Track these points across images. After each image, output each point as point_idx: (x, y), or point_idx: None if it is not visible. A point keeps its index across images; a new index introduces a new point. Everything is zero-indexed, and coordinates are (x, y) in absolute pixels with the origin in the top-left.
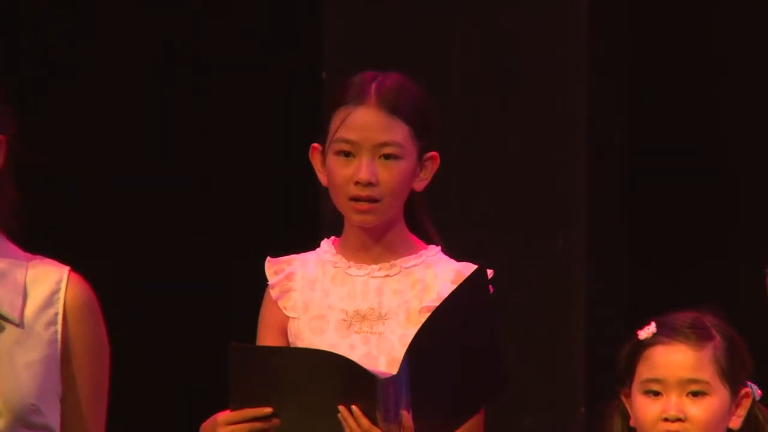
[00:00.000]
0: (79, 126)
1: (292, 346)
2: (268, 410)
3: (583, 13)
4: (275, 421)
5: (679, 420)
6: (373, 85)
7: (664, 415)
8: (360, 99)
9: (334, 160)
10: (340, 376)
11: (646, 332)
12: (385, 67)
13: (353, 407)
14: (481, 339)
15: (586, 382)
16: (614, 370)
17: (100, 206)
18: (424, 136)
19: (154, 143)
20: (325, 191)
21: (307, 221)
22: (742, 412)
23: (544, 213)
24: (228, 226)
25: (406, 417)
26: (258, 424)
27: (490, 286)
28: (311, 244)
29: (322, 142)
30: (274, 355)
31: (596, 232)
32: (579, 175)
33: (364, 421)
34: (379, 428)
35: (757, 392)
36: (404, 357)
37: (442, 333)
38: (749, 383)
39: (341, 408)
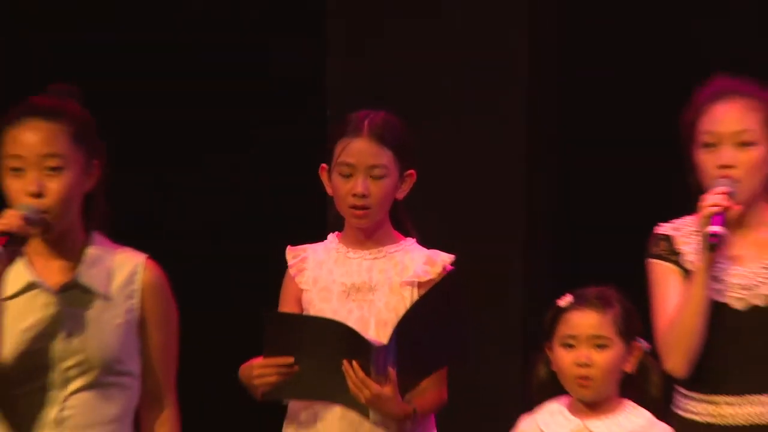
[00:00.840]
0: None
1: (305, 312)
2: (290, 360)
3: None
4: (295, 368)
5: (587, 365)
6: (366, 122)
7: (576, 362)
8: (356, 132)
9: (337, 179)
10: (345, 340)
11: (564, 301)
12: (375, 105)
13: (354, 362)
14: (447, 320)
15: (523, 343)
16: (541, 330)
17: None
18: (405, 158)
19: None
20: (330, 199)
21: (318, 220)
22: (634, 360)
23: (486, 214)
24: (261, 224)
25: (392, 372)
26: (282, 370)
27: (453, 267)
28: (321, 237)
29: (328, 163)
30: (297, 321)
31: (532, 234)
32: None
33: (361, 373)
34: (372, 379)
35: (646, 346)
36: (393, 331)
37: (420, 317)
38: (640, 339)
39: (345, 362)
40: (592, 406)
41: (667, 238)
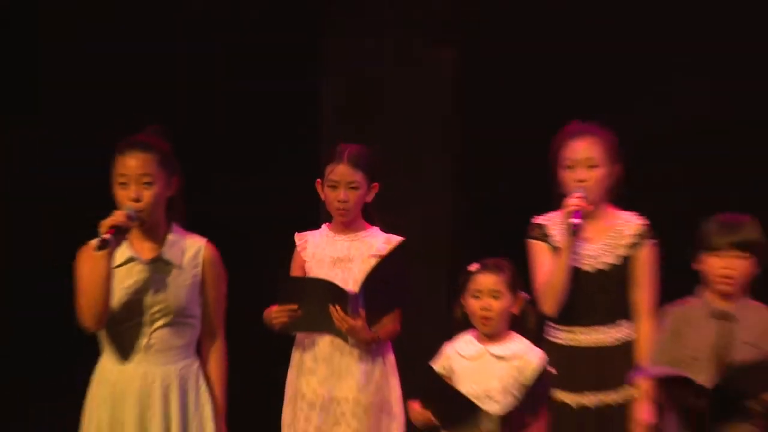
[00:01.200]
0: None
1: (307, 275)
2: (294, 306)
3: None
4: (299, 312)
5: (487, 310)
6: (346, 152)
7: (481, 307)
8: (339, 159)
9: (327, 190)
10: (331, 292)
11: (473, 267)
12: (353, 139)
13: (337, 306)
14: (396, 278)
15: (447, 295)
16: (459, 287)
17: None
18: (372, 176)
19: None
20: (323, 202)
21: (314, 216)
22: (518, 305)
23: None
24: (279, 218)
25: (361, 312)
26: (290, 313)
27: (403, 245)
28: (316, 226)
29: (322, 179)
30: (302, 282)
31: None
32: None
33: (342, 313)
34: (348, 317)
35: (526, 296)
36: (361, 284)
37: (379, 274)
38: (522, 293)
39: (331, 306)
40: (491, 336)
41: (541, 226)
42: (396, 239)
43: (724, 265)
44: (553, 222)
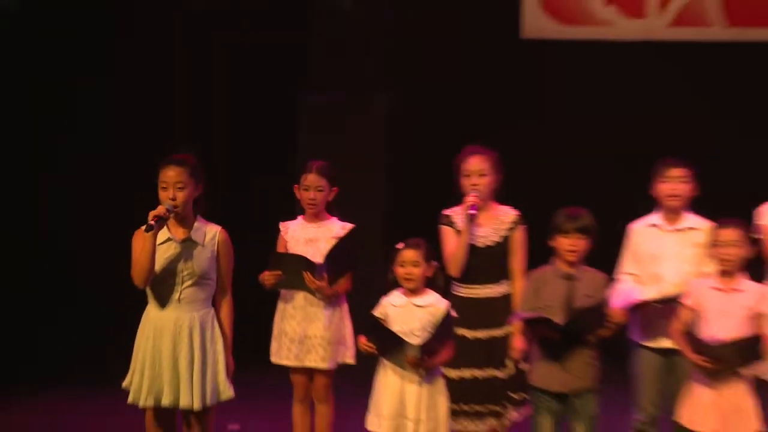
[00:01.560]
0: None
1: (288, 251)
2: (279, 272)
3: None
4: (282, 277)
5: (411, 272)
6: (314, 166)
7: (405, 271)
8: (310, 171)
9: (302, 192)
10: (305, 263)
11: (400, 245)
12: (319, 157)
13: (308, 273)
14: (348, 251)
15: (384, 263)
16: (391, 259)
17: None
18: (333, 182)
19: None
20: (299, 200)
21: (293, 209)
22: (431, 269)
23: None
24: (268, 212)
25: (325, 276)
26: (277, 277)
27: (354, 230)
28: (294, 217)
29: (298, 185)
30: (286, 254)
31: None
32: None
33: (311, 277)
34: (316, 279)
35: (437, 264)
36: (324, 257)
37: (337, 249)
38: (434, 262)
39: (304, 272)
40: (413, 292)
41: (448, 216)
42: (349, 226)
43: (570, 243)
44: (456, 213)
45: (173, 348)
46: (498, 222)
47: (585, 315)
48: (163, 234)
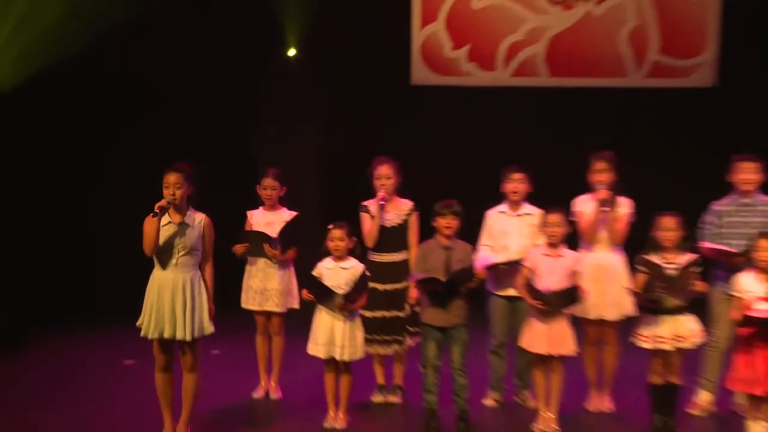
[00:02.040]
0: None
1: (252, 229)
2: (246, 245)
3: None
4: (248, 247)
5: (338, 247)
6: (271, 172)
7: (334, 245)
8: (267, 175)
9: (261, 190)
10: (264, 238)
11: (330, 226)
12: (273, 165)
13: (266, 245)
14: (295, 230)
15: (319, 241)
16: (324, 237)
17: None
18: (283, 183)
19: None
20: (259, 196)
21: (256, 202)
22: (352, 244)
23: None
24: (238, 204)
25: (278, 247)
26: (245, 248)
27: (298, 216)
28: (256, 207)
29: (259, 185)
30: (251, 232)
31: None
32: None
33: (269, 248)
34: (272, 249)
35: (356, 239)
36: (278, 234)
37: (286, 229)
38: (354, 237)
39: (264, 245)
40: (339, 258)
41: (365, 206)
42: (294, 213)
43: (446, 223)
44: (370, 204)
45: (172, 297)
46: (399, 210)
47: (458, 274)
48: (165, 219)
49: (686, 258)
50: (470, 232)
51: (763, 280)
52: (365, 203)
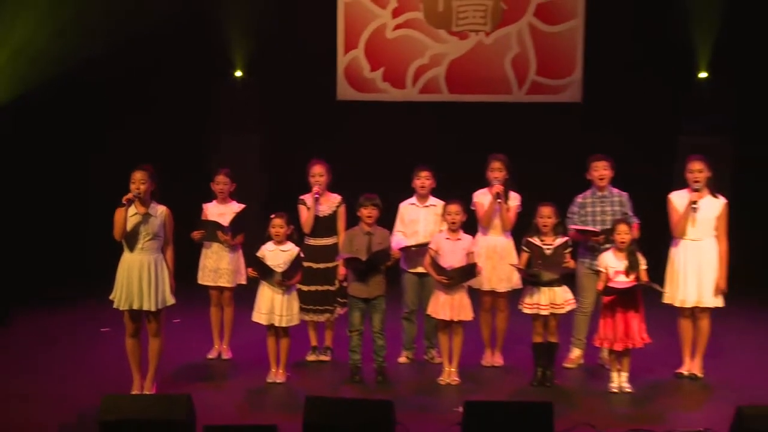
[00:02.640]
0: None
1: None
2: (203, 232)
3: None
4: (204, 234)
5: (278, 233)
6: (222, 171)
7: (275, 232)
8: (219, 173)
9: (215, 186)
10: (217, 225)
11: (273, 216)
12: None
13: (219, 231)
14: (244, 217)
15: (263, 229)
16: (267, 224)
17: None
18: (233, 180)
19: None
20: (213, 191)
21: (210, 195)
22: (291, 230)
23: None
24: (195, 199)
25: (229, 234)
26: (201, 234)
27: (246, 209)
28: (210, 200)
29: (213, 182)
30: (206, 221)
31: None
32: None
33: (222, 234)
34: (228, 232)
35: (293, 227)
36: (229, 223)
37: (236, 219)
38: (292, 225)
39: (218, 232)
40: (279, 243)
41: (303, 200)
42: (242, 206)
43: (367, 212)
44: (307, 198)
45: (139, 275)
46: (330, 202)
47: (378, 255)
48: (132, 210)
49: (560, 240)
50: (387, 220)
51: (621, 257)
52: (302, 197)
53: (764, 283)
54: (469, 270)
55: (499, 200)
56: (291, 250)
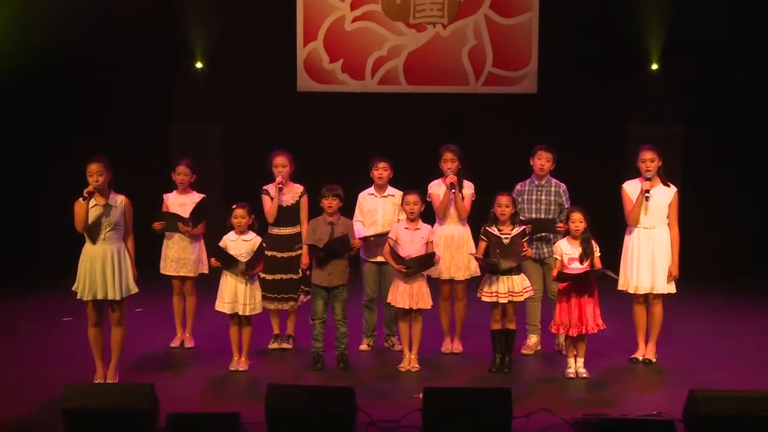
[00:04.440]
0: None
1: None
2: (163, 223)
3: None
4: (166, 225)
5: (240, 223)
6: (183, 162)
7: (237, 222)
8: (180, 164)
9: (175, 176)
10: (178, 217)
11: (234, 206)
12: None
13: (180, 222)
14: (203, 209)
15: (224, 219)
16: (228, 216)
17: None
18: (193, 171)
19: None
20: (174, 182)
21: (171, 186)
22: (252, 220)
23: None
24: (154, 188)
25: (190, 224)
26: (161, 225)
27: (204, 199)
28: (170, 191)
29: (174, 172)
30: (167, 213)
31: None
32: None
33: (182, 225)
34: (186, 225)
35: (254, 216)
36: (189, 214)
37: (197, 209)
38: (253, 215)
39: (178, 222)
40: (241, 233)
41: (266, 189)
42: (202, 196)
43: (328, 203)
44: (270, 188)
45: (102, 265)
46: (293, 192)
47: (339, 243)
48: (92, 202)
49: (517, 229)
50: (348, 210)
51: (576, 244)
52: (265, 187)
53: (715, 270)
54: (428, 259)
55: (453, 190)
56: (253, 239)
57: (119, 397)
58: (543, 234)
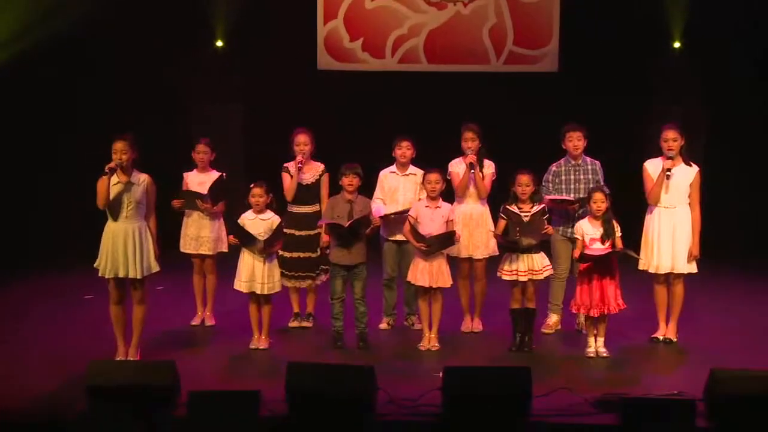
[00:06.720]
0: None
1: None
2: (183, 201)
3: None
4: (185, 203)
5: (257, 202)
6: (203, 141)
7: (255, 201)
8: (199, 142)
9: (195, 155)
10: (197, 195)
11: (252, 185)
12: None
13: (199, 200)
14: (222, 187)
15: (244, 197)
16: (246, 194)
17: None
18: (213, 149)
19: None
20: (195, 162)
21: (191, 164)
22: (270, 199)
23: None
24: (175, 171)
25: (209, 201)
26: (181, 203)
27: (222, 177)
28: (191, 170)
29: (194, 151)
30: (187, 191)
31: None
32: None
33: (201, 203)
34: (205, 203)
35: (272, 195)
36: (208, 191)
37: (215, 187)
38: (272, 194)
39: (198, 200)
40: (260, 211)
41: (287, 167)
42: (219, 173)
43: (349, 181)
44: (290, 166)
45: (124, 243)
46: (314, 171)
47: (360, 222)
48: (114, 179)
49: (537, 207)
50: (369, 188)
51: (597, 225)
52: (286, 165)
53: (736, 250)
54: (448, 237)
55: (473, 170)
56: (271, 219)
57: (142, 374)
58: (580, 212)
